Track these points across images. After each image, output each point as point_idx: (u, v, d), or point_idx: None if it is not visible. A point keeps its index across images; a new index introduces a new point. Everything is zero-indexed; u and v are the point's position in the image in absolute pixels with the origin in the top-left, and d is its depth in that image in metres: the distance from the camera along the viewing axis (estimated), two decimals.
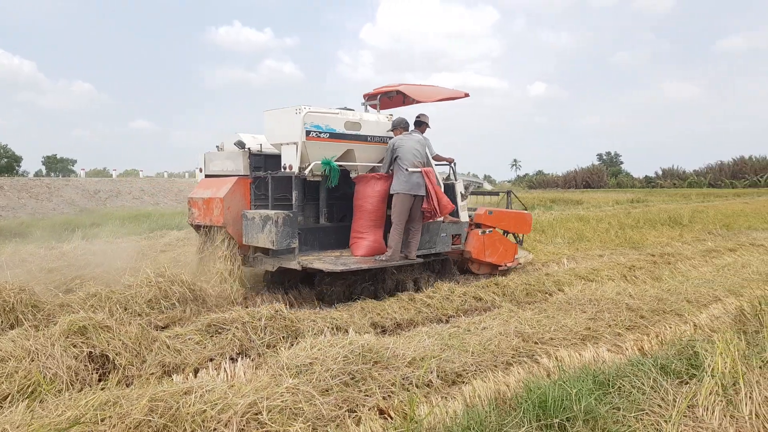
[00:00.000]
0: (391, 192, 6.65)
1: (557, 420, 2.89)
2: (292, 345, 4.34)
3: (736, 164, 57.50)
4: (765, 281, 7.43)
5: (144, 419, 2.89)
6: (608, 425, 2.91)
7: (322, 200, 7.25)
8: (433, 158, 7.11)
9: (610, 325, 5.26)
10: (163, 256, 8.92)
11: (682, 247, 10.72)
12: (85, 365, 3.89)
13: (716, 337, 3.93)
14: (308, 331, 4.82)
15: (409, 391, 3.66)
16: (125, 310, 5.17)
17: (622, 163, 79.25)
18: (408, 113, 7.91)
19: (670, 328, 5.27)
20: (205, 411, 2.99)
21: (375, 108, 7.56)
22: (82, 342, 4.02)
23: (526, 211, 8.94)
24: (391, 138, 6.93)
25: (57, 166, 66.82)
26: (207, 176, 7.36)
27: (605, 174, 62.78)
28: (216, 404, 3.04)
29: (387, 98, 7.85)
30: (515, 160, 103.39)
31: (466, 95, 7.96)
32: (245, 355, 4.47)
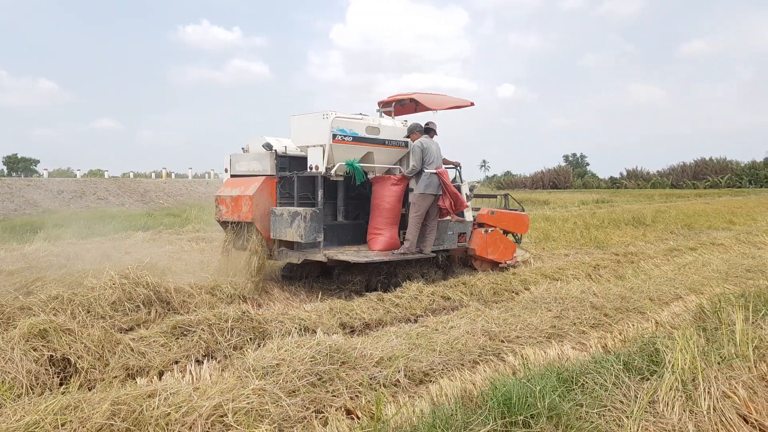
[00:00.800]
0: (415, 192, 7.23)
1: (522, 417, 2.92)
2: (260, 346, 4.31)
3: (697, 165, 59.06)
4: (724, 279, 7.64)
5: (106, 423, 2.84)
6: (571, 421, 2.95)
7: (340, 199, 7.81)
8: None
9: (574, 323, 5.36)
10: (128, 257, 8.76)
11: (645, 247, 10.97)
12: (46, 369, 3.80)
13: (677, 334, 4.01)
14: (276, 333, 4.80)
15: (376, 390, 3.66)
16: (88, 312, 5.06)
17: (587, 164, 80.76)
18: (412, 117, 8.50)
19: (633, 325, 5.39)
20: (169, 414, 2.95)
21: (389, 114, 8.19)
22: (42, 345, 3.93)
23: (523, 212, 9.42)
24: (406, 142, 7.54)
25: (18, 166, 65.03)
26: (233, 176, 7.79)
27: (571, 175, 63.88)
28: (180, 407, 3.00)
29: (400, 105, 8.44)
30: (484, 161, 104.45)
31: (472, 104, 8.58)
32: (211, 357, 4.43)
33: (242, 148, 7.93)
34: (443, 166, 7.57)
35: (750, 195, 37.08)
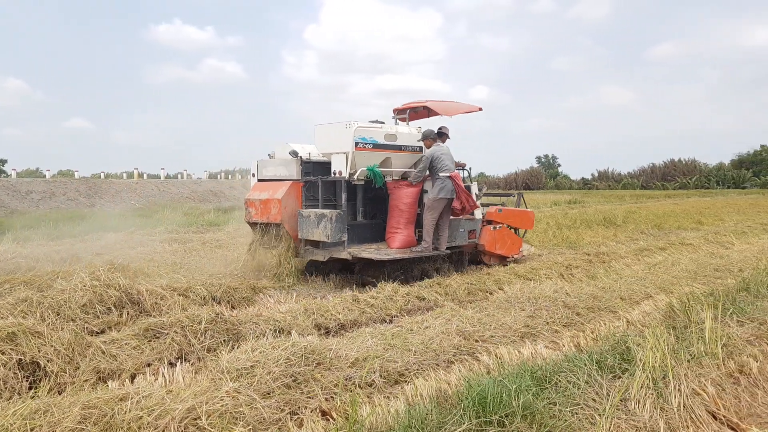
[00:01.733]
0: (430, 195, 7.79)
1: (496, 416, 2.94)
2: (234, 348, 4.27)
3: (666, 167, 60.29)
4: (693, 279, 7.80)
5: (76, 428, 2.79)
6: (545, 420, 2.98)
7: (359, 200, 8.42)
8: None
9: (548, 323, 5.42)
10: (99, 259, 8.61)
11: (617, 247, 11.14)
12: (15, 373, 3.72)
13: (647, 333, 4.07)
14: (250, 334, 4.76)
15: (351, 391, 3.66)
16: (58, 315, 4.96)
17: (560, 165, 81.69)
18: (424, 123, 9.31)
19: (605, 324, 5.47)
20: (141, 417, 2.91)
21: (404, 121, 8.69)
22: (11, 349, 3.84)
23: (529, 210, 9.93)
24: (420, 147, 8.20)
25: None
26: (260, 180, 8.40)
27: (544, 176, 64.66)
28: (153, 410, 2.97)
29: (414, 112, 8.97)
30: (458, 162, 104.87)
31: (480, 109, 9.25)
32: (185, 360, 4.37)
33: (269, 155, 8.67)
34: (455, 170, 8.03)
35: (718, 196, 37.94)
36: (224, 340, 4.64)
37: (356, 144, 7.51)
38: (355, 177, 7.61)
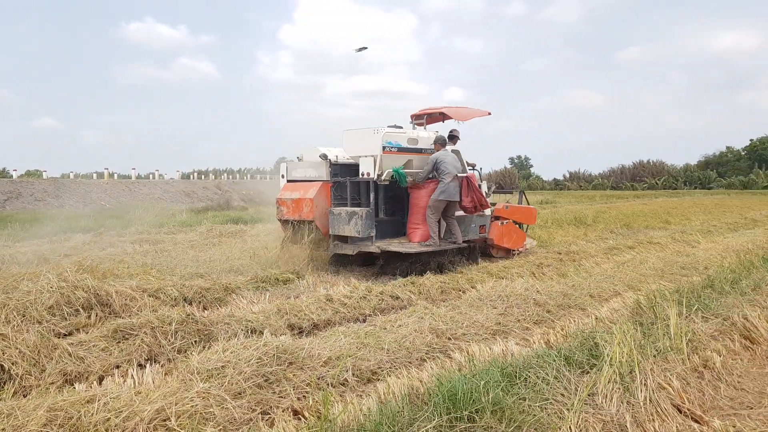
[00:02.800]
0: (432, 196, 8.35)
1: (467, 412, 2.97)
2: (205, 349, 4.23)
3: (635, 168, 61.46)
4: (660, 276, 7.96)
5: (41, 430, 2.74)
6: (514, 415, 3.02)
7: (381, 199, 9.06)
8: None
9: (519, 320, 5.48)
10: (68, 260, 8.46)
11: (587, 246, 11.31)
12: None
13: (615, 329, 4.14)
14: (222, 335, 4.72)
15: (324, 390, 3.66)
16: (23, 317, 4.84)
17: (532, 166, 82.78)
18: (439, 126, 10.26)
19: (574, 321, 5.55)
20: (108, 419, 2.87)
21: (422, 126, 9.62)
22: None
23: (532, 207, 10.76)
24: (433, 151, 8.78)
25: None
26: (289, 181, 9.07)
27: (517, 176, 65.36)
28: (121, 412, 2.93)
29: (430, 117, 9.79)
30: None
31: (489, 113, 10.10)
32: (154, 361, 4.32)
33: (297, 158, 9.38)
34: (468, 170, 8.81)
35: (685, 196, 38.80)
36: (195, 341, 4.60)
37: (383, 148, 8.23)
38: (382, 177, 8.26)
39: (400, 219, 9.23)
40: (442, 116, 9.84)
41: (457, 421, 2.93)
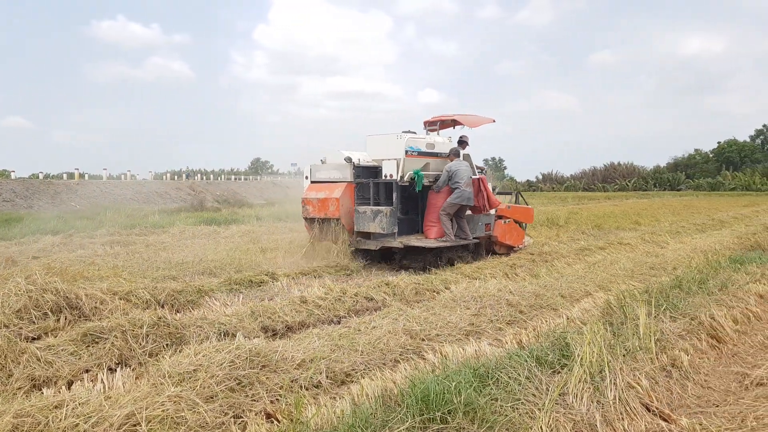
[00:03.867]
0: (448, 199, 9.15)
1: (439, 413, 2.99)
2: (177, 352, 4.18)
3: (607, 170, 62.45)
4: (630, 276, 8.11)
5: None
6: (486, 415, 3.04)
7: (396, 199, 9.39)
8: None
9: (492, 321, 5.53)
10: (36, 262, 8.28)
11: (559, 246, 11.45)
12: None
13: (585, 329, 4.20)
14: (194, 338, 4.67)
15: (297, 393, 3.65)
16: None
17: (505, 168, 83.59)
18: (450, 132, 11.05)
19: (546, 321, 5.61)
20: (77, 425, 2.82)
21: (435, 131, 10.47)
22: None
23: (530, 207, 11.56)
24: (449, 155, 9.58)
25: None
26: (313, 182, 9.76)
27: (492, 178, 65.86)
28: (90, 417, 2.88)
29: (443, 124, 10.59)
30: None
31: (493, 121, 10.83)
32: (125, 365, 4.25)
33: (321, 160, 10.00)
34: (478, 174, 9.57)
35: (654, 198, 39.52)
36: (167, 344, 4.54)
37: (406, 152, 9.04)
38: (404, 179, 9.02)
39: (414, 217, 10.03)
40: (453, 123, 10.61)
41: (430, 422, 2.95)
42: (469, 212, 9.57)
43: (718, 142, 71.34)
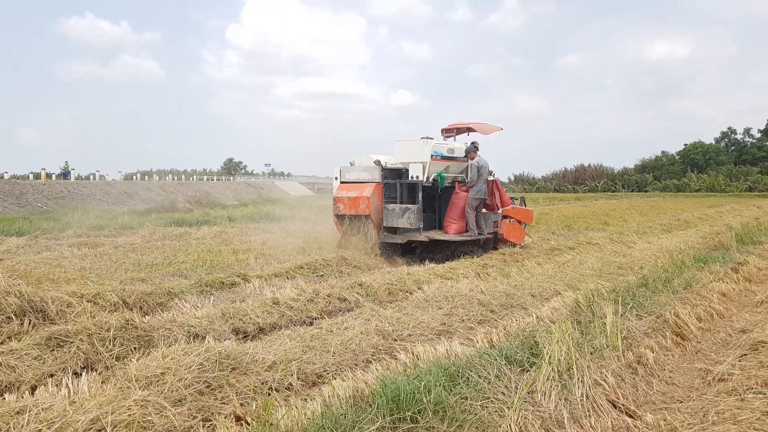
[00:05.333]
0: (470, 195, 10.36)
1: (409, 413, 3.00)
2: (145, 356, 4.12)
3: (577, 171, 63.42)
4: (598, 276, 8.23)
5: None
6: (456, 414, 3.06)
7: (418, 198, 10.39)
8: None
9: (463, 320, 5.57)
10: (0, 265, 8.08)
11: (530, 246, 11.59)
12: None
13: (554, 328, 4.25)
14: (162, 341, 4.60)
15: (268, 395, 3.62)
16: None
17: None
18: (464, 138, 12.02)
19: (516, 320, 5.66)
20: (40, 430, 2.76)
21: (451, 137, 11.57)
22: None
23: (530, 209, 12.49)
24: (465, 158, 10.86)
25: None
26: (342, 183, 10.75)
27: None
28: (53, 423, 2.82)
29: (458, 131, 11.69)
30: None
31: (501, 129, 12.02)
32: (91, 369, 4.17)
33: (350, 163, 11.02)
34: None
35: (623, 198, 40.25)
36: (135, 348, 4.47)
37: (431, 156, 10.08)
38: (430, 180, 10.13)
39: (431, 215, 11.18)
40: (468, 130, 11.77)
41: (400, 422, 2.96)
42: (484, 210, 10.74)
43: (684, 145, 73.03)
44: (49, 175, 34.08)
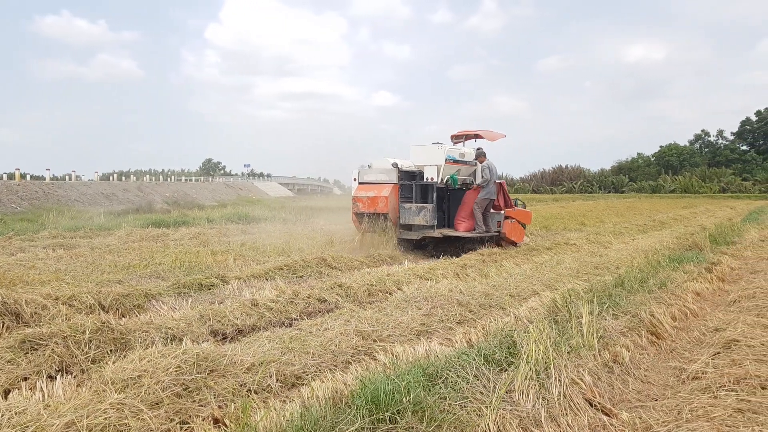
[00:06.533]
0: (480, 195, 11.29)
1: (389, 413, 3.01)
2: (121, 358, 4.07)
3: (555, 172, 64.08)
4: (575, 276, 8.32)
5: None
6: (435, 414, 3.08)
7: (433, 198, 11.27)
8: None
9: (442, 320, 5.59)
10: None
11: (508, 247, 11.68)
12: None
13: (532, 327, 4.30)
14: (139, 343, 4.55)
15: (247, 397, 3.61)
16: None
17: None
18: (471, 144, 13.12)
19: (495, 320, 5.70)
20: None
21: (460, 143, 12.59)
22: None
23: (529, 210, 13.33)
24: (475, 162, 11.86)
25: None
26: (361, 183, 11.62)
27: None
28: (27, 427, 2.77)
29: (466, 137, 12.72)
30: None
31: (504, 136, 13.10)
32: (66, 372, 4.10)
33: (368, 165, 11.93)
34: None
35: (599, 199, 40.74)
36: (111, 350, 4.40)
37: (446, 159, 11.09)
38: (443, 181, 11.18)
39: (441, 214, 11.83)
40: (476, 137, 12.75)
41: (379, 423, 2.97)
42: (492, 210, 11.62)
43: (660, 147, 74.16)
44: (23, 176, 33.44)
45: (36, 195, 24.99)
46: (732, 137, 75.64)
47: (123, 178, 45.33)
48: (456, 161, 11.51)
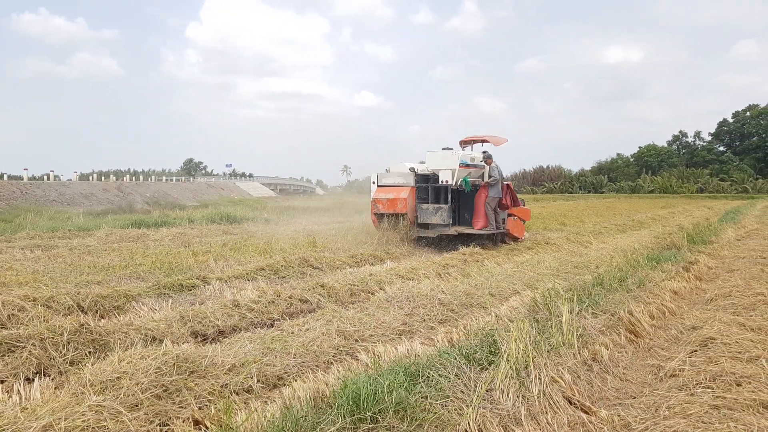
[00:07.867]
0: (489, 194, 12.17)
1: (370, 413, 3.01)
2: (100, 360, 4.02)
3: (536, 173, 64.58)
4: (556, 275, 8.41)
5: None
6: (416, 413, 3.09)
7: (448, 199, 12.11)
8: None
9: (424, 320, 5.61)
10: None
11: (489, 247, 11.76)
12: None
13: (512, 326, 4.32)
14: (119, 345, 4.50)
15: (228, 398, 3.59)
16: None
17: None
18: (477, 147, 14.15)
19: (476, 319, 5.74)
20: None
21: (468, 148, 13.53)
22: None
23: (528, 208, 14.18)
24: (481, 165, 12.74)
25: None
26: (379, 186, 12.59)
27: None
28: (4, 430, 2.73)
29: (474, 142, 13.69)
30: (346, 166, 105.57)
31: (507, 140, 14.00)
32: (44, 375, 4.05)
33: (386, 169, 12.86)
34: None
35: (579, 199, 41.11)
36: (90, 352, 4.36)
37: (459, 164, 11.99)
38: (457, 184, 11.97)
39: (453, 214, 12.59)
40: (483, 141, 13.65)
41: (361, 422, 2.97)
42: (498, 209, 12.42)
43: (639, 147, 75.06)
44: (0, 175, 32.89)
45: (13, 195, 24.58)
46: (709, 138, 76.84)
47: (102, 178, 44.77)
48: (467, 165, 12.37)
